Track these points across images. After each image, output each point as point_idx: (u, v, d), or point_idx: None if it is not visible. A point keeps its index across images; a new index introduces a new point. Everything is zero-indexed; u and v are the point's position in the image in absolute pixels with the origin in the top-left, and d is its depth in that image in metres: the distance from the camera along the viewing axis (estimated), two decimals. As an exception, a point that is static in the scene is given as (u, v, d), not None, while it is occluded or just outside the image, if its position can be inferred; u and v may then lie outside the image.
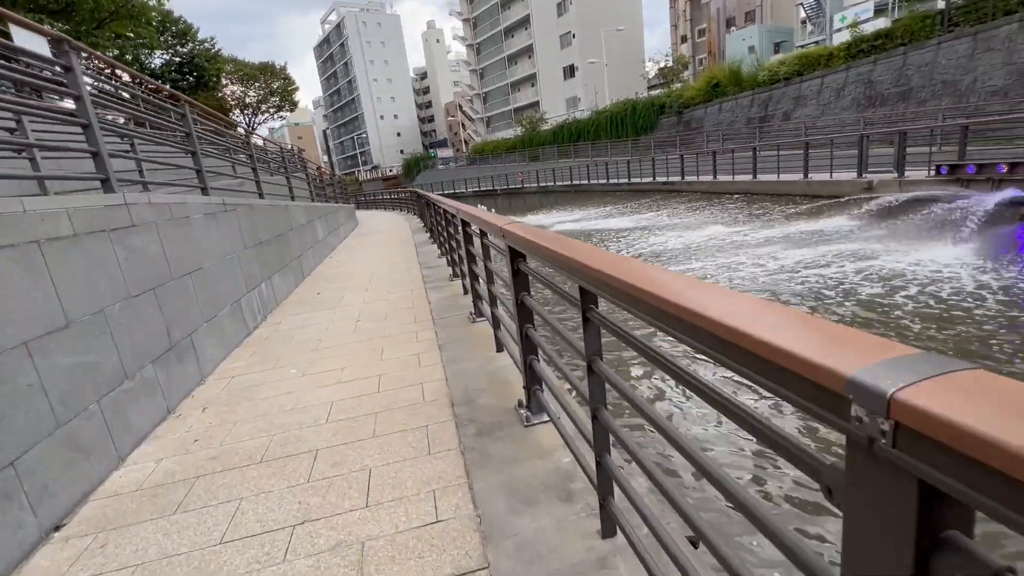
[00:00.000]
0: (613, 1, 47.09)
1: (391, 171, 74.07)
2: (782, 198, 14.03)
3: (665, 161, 20.63)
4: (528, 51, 54.15)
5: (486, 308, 3.97)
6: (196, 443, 2.78)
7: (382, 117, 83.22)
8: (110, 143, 3.78)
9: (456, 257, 5.81)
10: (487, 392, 3.01)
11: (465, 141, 76.45)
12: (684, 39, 58.75)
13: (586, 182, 27.23)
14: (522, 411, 2.60)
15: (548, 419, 2.47)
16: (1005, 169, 8.80)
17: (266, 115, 27.99)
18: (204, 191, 4.72)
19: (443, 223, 6.40)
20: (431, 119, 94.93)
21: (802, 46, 34.81)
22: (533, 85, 54.98)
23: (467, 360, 3.57)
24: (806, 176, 13.66)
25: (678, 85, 34.89)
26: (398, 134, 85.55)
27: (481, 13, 59.07)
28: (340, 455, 2.48)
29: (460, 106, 77.02)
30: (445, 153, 69.04)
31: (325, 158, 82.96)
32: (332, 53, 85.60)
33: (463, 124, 76.37)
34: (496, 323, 3.58)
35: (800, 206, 12.55)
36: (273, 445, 2.67)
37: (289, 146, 10.46)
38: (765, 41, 40.55)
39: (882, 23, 25.20)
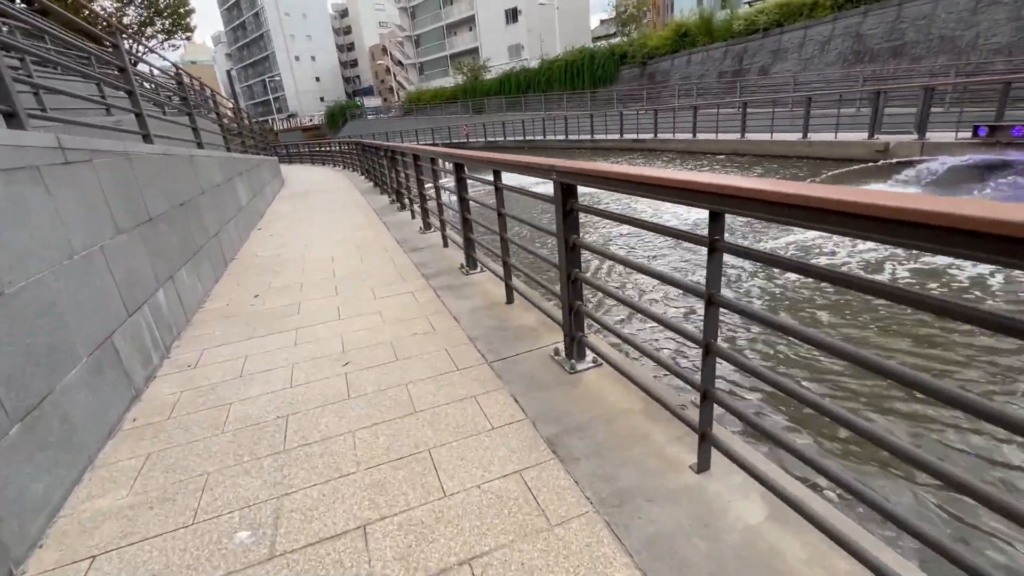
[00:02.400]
0: (559, -62, 43.54)
1: (311, 120, 66.88)
2: (777, 160, 12.97)
3: (635, 117, 19.02)
4: (465, -12, 49.47)
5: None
6: None
7: (297, 58, 74.36)
8: None
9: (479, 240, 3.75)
10: None
11: (392, 89, 70.46)
12: (628, -12, 56.73)
13: (541, 138, 25.17)
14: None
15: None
16: (1058, 131, 8.02)
17: (152, 41, 22.64)
18: (11, 119, 2.30)
19: (420, 181, 4.23)
20: (354, 63, 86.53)
21: (748, 3, 34.11)
22: (471, 29, 50.66)
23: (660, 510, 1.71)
24: (805, 136, 12.63)
25: (633, 34, 33.12)
26: (317, 79, 77.25)
27: (411, -59, 52.91)
28: None
29: (387, 49, 70.25)
30: (373, 102, 63.15)
31: (231, 104, 73.29)
32: (232, -22, 74.22)
33: (391, 70, 69.94)
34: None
35: (806, 169, 11.49)
36: None
37: (190, 80, 7.50)
38: (715, -6, 39.57)
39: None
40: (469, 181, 3.93)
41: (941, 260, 5.82)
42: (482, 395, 2.38)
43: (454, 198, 4.23)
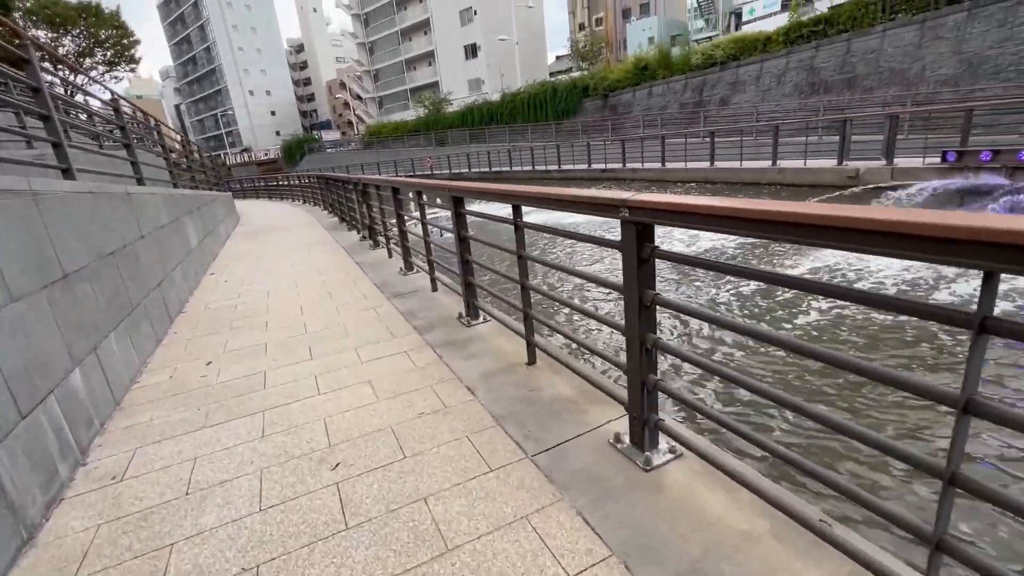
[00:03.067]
0: (515, -21, 45.05)
1: (266, 154, 65.23)
2: (749, 187, 13.09)
3: (603, 147, 19.15)
4: (424, 26, 50.15)
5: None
6: None
7: (251, 92, 73.05)
8: None
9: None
10: None
11: (351, 122, 70.00)
12: (582, 27, 59.04)
13: (507, 169, 25.08)
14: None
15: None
16: (1025, 156, 8.26)
17: (92, 73, 21.23)
18: None
19: (400, 216, 3.62)
20: (311, 98, 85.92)
21: (697, 40, 35.95)
22: (431, 64, 51.19)
23: None
24: (775, 163, 12.83)
25: (584, 70, 34.09)
26: (273, 113, 75.95)
27: (369, -21, 53.54)
28: None
29: (344, 84, 70.04)
30: (331, 136, 62.32)
31: (179, 136, 70.80)
32: (183, 13, 72.84)
33: (350, 104, 69.60)
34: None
35: (784, 195, 11.56)
36: None
37: (131, 109, 6.69)
38: (663, 32, 41.62)
39: (785, 17, 26.29)
40: (469, 217, 3.35)
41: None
42: (536, 513, 1.72)
43: (447, 235, 3.64)
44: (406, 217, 5.31)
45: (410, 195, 5.27)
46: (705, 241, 9.81)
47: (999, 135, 9.57)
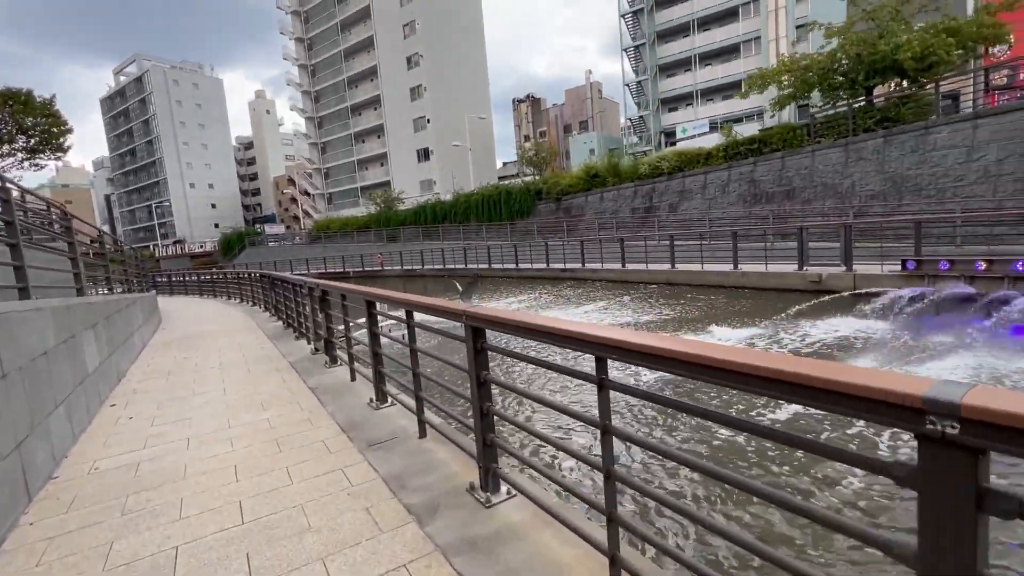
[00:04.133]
0: (467, 94, 48.91)
1: (202, 247, 62.36)
2: (714, 290, 13.18)
3: (561, 247, 19.36)
4: (378, 131, 52.40)
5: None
6: None
7: (192, 185, 71.67)
8: None
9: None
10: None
11: (297, 217, 69.41)
12: (527, 138, 64.25)
13: (462, 266, 24.75)
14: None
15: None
16: (983, 266, 8.64)
17: (9, 160, 19.50)
18: None
19: (374, 334, 2.79)
20: (256, 192, 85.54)
21: (632, 154, 39.56)
22: (383, 164, 52.80)
23: None
24: (736, 267, 13.10)
25: (530, 175, 36.13)
26: (213, 205, 74.34)
27: (325, 88, 56.22)
28: None
29: (293, 180, 70.43)
30: (275, 229, 60.97)
31: (106, 227, 66.83)
32: (128, 108, 72.54)
33: (297, 199, 69.47)
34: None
35: (750, 300, 11.58)
36: None
37: (18, 193, 5.56)
38: (602, 146, 45.82)
39: (716, 137, 29.42)
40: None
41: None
42: None
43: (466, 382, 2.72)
44: (379, 333, 4.31)
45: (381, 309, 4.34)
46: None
47: (942, 245, 10.16)
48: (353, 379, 5.20)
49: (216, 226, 70.46)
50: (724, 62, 39.94)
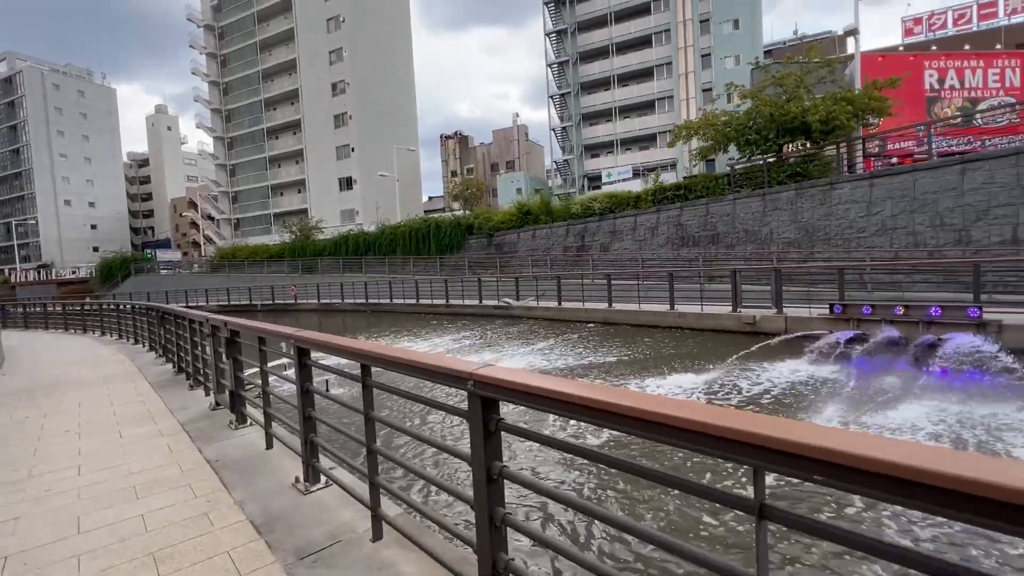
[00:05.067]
0: (394, 126, 48.17)
1: (74, 272, 54.27)
2: (651, 330, 13.17)
3: (495, 283, 18.80)
4: (297, 156, 49.71)
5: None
6: None
7: (68, 202, 63.05)
8: None
9: None
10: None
11: (196, 243, 63.19)
12: (454, 174, 64.41)
13: (387, 301, 23.28)
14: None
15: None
16: (901, 311, 9.23)
17: None
18: None
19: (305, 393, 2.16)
20: (150, 214, 77.20)
21: (557, 195, 40.82)
22: (300, 191, 49.91)
23: None
24: (673, 307, 13.22)
25: (457, 210, 35.84)
26: (94, 226, 65.68)
27: (239, 108, 52.69)
28: None
29: (194, 202, 64.37)
30: (169, 255, 54.82)
31: (-54, 247, 56.53)
32: (-9, 111, 62.95)
33: (198, 224, 63.38)
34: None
35: (704, 342, 11.59)
36: None
37: None
38: (528, 186, 46.91)
39: (638, 183, 31.01)
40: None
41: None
42: None
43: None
44: (315, 391, 3.27)
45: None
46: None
47: (853, 290, 10.88)
48: (270, 446, 4.01)
49: (96, 250, 61.91)
50: (641, 115, 43.00)
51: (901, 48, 31.51)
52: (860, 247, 14.15)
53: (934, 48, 27.05)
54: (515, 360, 10.98)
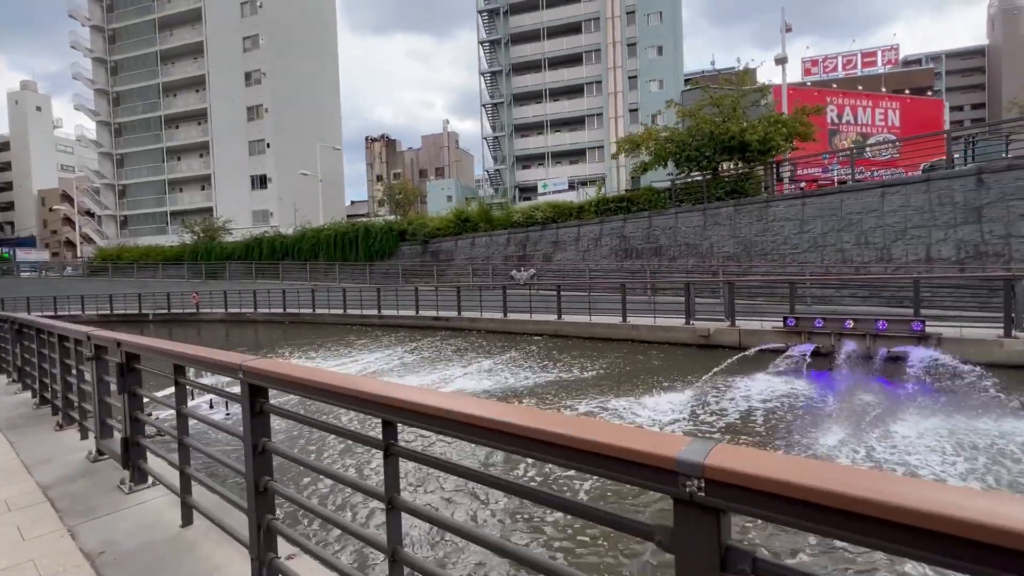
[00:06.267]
0: (316, 123, 45.11)
1: None
2: (605, 343, 12.76)
3: (433, 293, 17.64)
4: (202, 148, 44.83)
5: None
6: None
7: None
8: None
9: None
10: None
11: (71, 242, 54.95)
12: (380, 178, 61.84)
13: (309, 311, 21.13)
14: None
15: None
16: (851, 324, 9.48)
17: None
18: None
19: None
20: (9, 206, 66.11)
21: (490, 205, 40.38)
22: (204, 188, 45.01)
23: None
24: (625, 319, 12.93)
25: (384, 214, 34.20)
26: (-71, 219, 54.80)
27: (130, 91, 46.61)
28: None
29: (69, 195, 55.83)
30: (35, 255, 46.89)
31: None
32: None
33: (73, 220, 55.02)
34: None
35: (654, 353, 11.25)
36: None
37: None
38: (459, 194, 46.01)
39: (573, 194, 31.24)
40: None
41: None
42: None
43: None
44: (282, 452, 2.16)
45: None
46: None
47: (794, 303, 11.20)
48: (188, 522, 2.73)
49: (-69, 247, 51.54)
50: (572, 130, 43.85)
51: (808, 84, 34.74)
52: (795, 262, 14.87)
53: (834, 86, 30.05)
54: (470, 382, 9.93)
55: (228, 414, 7.63)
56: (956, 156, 14.70)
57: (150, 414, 3.86)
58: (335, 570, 1.80)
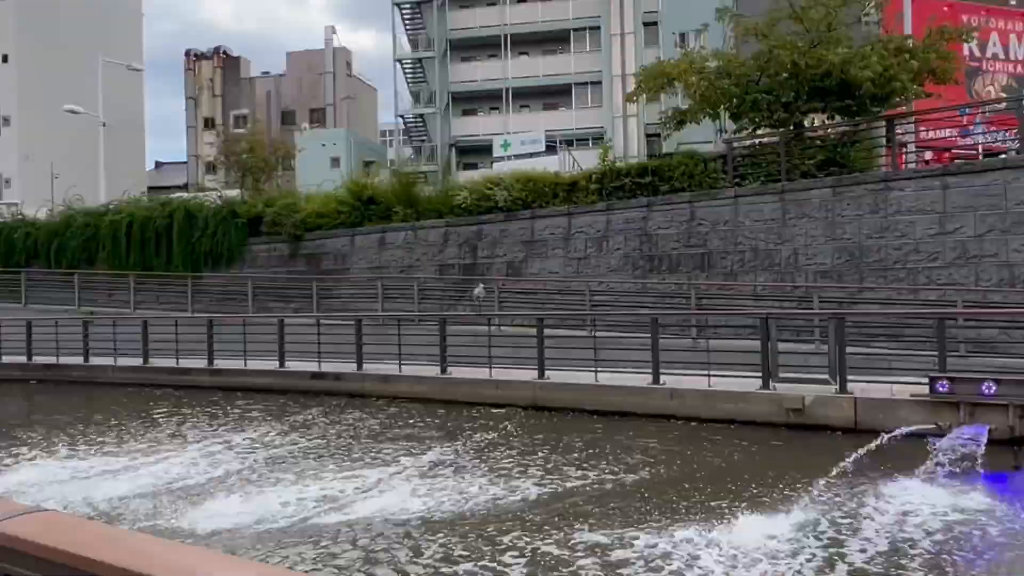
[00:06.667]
0: (90, 24, 44.05)
1: None
2: (617, 420, 12.63)
3: (313, 327, 17.18)
4: None
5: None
6: None
7: None
8: None
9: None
10: None
11: None
12: (212, 124, 60.48)
13: (79, 361, 20.55)
14: None
15: None
16: None
17: None
18: None
19: None
20: None
21: (412, 175, 40.34)
22: None
23: None
24: (658, 379, 12.89)
25: (217, 188, 33.60)
26: None
27: None
28: None
29: None
30: None
31: None
32: None
33: None
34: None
35: (717, 436, 11.12)
36: None
37: None
38: (353, 153, 45.56)
39: (554, 161, 31.41)
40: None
41: None
42: None
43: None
44: None
45: None
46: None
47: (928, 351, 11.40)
48: None
49: None
50: (549, 53, 44.58)
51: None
52: (932, 282, 15.26)
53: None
54: (393, 499, 9.38)
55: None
56: None
57: None
58: None
